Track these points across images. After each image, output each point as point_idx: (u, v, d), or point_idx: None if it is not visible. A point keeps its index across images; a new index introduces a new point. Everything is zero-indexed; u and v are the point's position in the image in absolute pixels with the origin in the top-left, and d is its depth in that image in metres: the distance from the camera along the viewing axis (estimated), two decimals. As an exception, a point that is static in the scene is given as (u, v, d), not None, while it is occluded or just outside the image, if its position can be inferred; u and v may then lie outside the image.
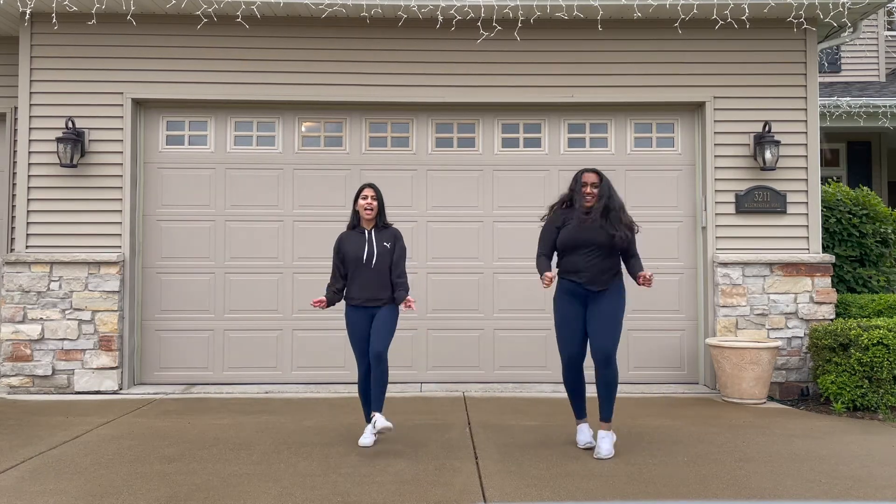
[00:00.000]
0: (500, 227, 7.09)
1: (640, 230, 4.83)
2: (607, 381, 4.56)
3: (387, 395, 4.86)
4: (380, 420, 4.69)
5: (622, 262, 4.74)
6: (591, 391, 4.73)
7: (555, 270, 4.61)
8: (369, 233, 4.91)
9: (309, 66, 6.91)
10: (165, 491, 3.90)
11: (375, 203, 4.89)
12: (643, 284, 4.52)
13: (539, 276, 4.62)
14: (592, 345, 4.56)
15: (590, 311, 4.59)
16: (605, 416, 4.60)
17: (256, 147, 7.12)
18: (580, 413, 4.79)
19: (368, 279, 4.84)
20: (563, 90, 6.95)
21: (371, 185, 4.97)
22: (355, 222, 5.00)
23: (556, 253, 4.74)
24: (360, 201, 4.91)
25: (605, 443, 4.54)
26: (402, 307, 4.84)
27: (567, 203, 4.75)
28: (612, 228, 4.58)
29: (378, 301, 4.85)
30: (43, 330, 6.63)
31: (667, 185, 7.11)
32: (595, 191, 4.63)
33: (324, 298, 4.96)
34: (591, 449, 4.63)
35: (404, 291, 4.88)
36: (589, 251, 4.58)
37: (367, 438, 4.79)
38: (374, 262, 4.85)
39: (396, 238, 4.96)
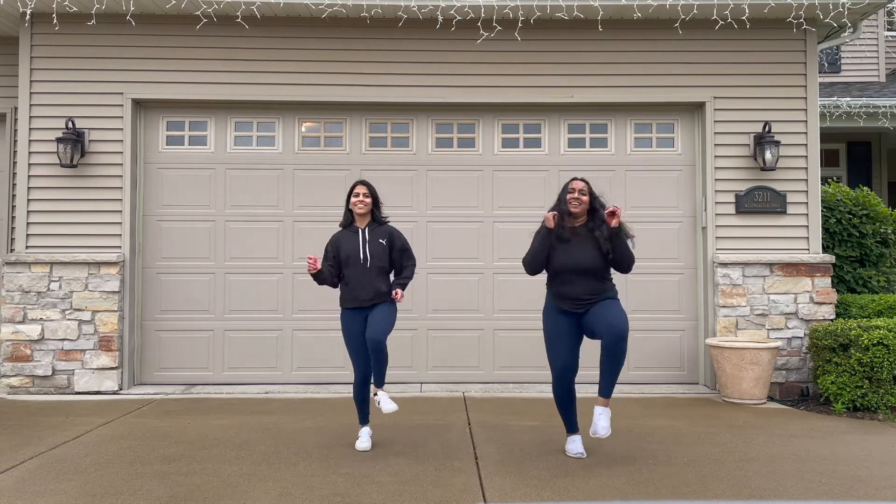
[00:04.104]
0: (500, 228, 7.09)
1: (638, 232, 4.75)
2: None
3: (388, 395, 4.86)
4: (384, 401, 4.59)
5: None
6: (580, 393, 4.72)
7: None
8: (363, 231, 4.78)
9: (309, 66, 6.91)
10: (165, 491, 3.90)
11: (369, 200, 4.77)
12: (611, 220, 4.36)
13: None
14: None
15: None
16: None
17: (256, 147, 7.12)
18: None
19: (364, 280, 4.70)
20: (563, 90, 6.95)
21: (363, 182, 4.83)
22: (349, 220, 4.85)
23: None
24: (353, 198, 4.77)
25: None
26: (394, 295, 4.66)
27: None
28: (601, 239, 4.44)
29: (373, 301, 4.69)
30: (43, 330, 6.63)
31: (667, 186, 7.11)
32: (584, 197, 4.51)
33: (317, 262, 4.66)
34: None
35: (408, 276, 4.79)
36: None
37: (364, 442, 4.74)
38: (369, 261, 4.70)
39: (392, 235, 4.80)
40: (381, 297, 4.71)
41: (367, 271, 4.71)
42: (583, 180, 4.60)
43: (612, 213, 4.34)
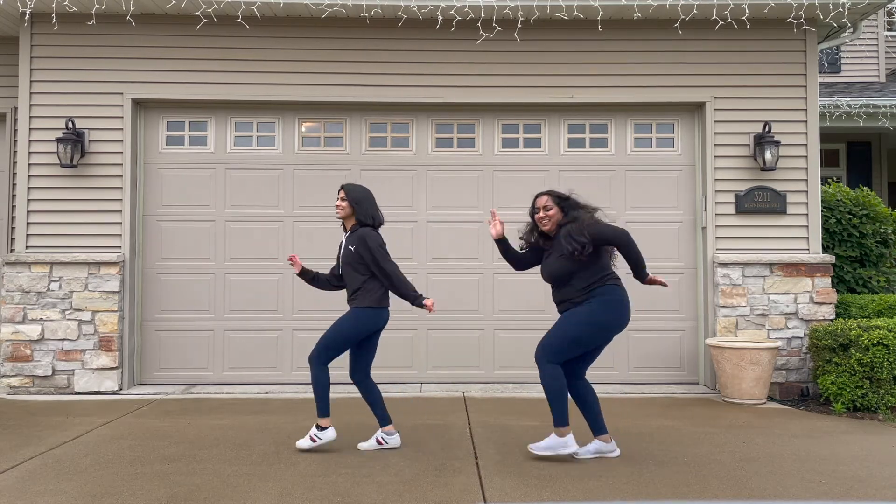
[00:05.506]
0: (500, 228, 7.08)
1: (638, 232, 4.73)
2: None
3: (388, 395, 4.85)
4: (307, 436, 4.64)
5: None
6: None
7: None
8: (345, 236, 4.79)
9: (309, 67, 6.91)
10: (165, 491, 3.89)
11: (345, 203, 4.68)
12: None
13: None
14: None
15: None
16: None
17: (256, 147, 7.12)
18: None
19: (344, 283, 4.79)
20: (563, 90, 6.95)
21: (343, 186, 4.75)
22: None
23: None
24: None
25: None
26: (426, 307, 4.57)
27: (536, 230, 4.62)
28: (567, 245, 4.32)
29: (350, 304, 4.70)
30: (43, 330, 6.63)
31: (667, 186, 7.11)
32: (550, 212, 4.43)
33: (298, 262, 4.85)
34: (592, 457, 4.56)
35: (410, 296, 4.57)
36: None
37: (365, 442, 4.74)
38: (340, 267, 4.77)
39: (361, 239, 4.59)
40: (351, 302, 4.69)
41: (343, 276, 4.78)
42: (547, 194, 4.54)
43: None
